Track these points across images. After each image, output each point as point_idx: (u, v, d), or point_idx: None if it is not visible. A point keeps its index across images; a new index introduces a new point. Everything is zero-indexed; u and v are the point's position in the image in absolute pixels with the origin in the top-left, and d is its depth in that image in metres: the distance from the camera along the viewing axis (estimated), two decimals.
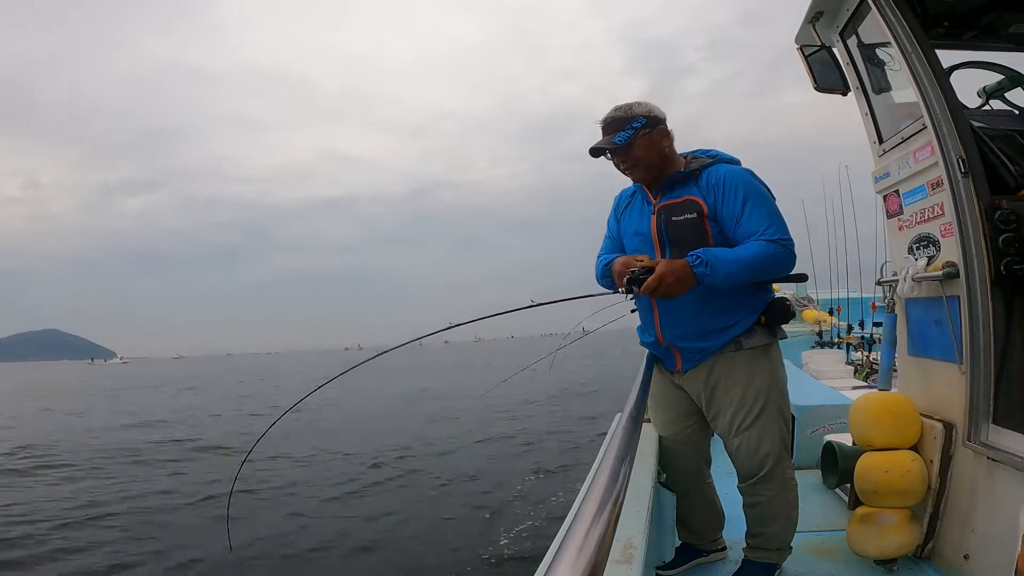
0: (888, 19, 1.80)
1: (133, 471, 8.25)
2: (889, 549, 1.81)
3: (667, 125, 1.70)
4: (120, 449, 9.96)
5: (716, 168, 1.69)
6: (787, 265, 1.62)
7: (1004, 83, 2.10)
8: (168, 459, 9.02)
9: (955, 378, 1.74)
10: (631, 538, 1.18)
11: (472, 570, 4.50)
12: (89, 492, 7.09)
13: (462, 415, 12.93)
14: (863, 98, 2.16)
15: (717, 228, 1.65)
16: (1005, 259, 1.62)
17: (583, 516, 0.60)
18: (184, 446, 10.22)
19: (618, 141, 1.65)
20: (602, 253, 1.90)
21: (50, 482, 7.70)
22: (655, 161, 1.69)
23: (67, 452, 9.82)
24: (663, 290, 1.51)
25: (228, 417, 14.64)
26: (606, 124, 1.69)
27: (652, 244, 1.74)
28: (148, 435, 11.65)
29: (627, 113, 1.66)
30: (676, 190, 1.72)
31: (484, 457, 8.54)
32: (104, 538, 5.39)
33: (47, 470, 8.41)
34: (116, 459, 9.08)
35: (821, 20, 2.18)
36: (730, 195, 1.62)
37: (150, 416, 15.14)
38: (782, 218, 1.65)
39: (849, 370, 4.81)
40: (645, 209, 1.78)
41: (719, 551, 2.00)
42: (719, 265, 1.52)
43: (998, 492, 1.60)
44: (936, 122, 1.73)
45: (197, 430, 12.26)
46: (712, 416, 1.77)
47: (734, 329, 1.67)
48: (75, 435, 12.09)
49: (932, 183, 1.80)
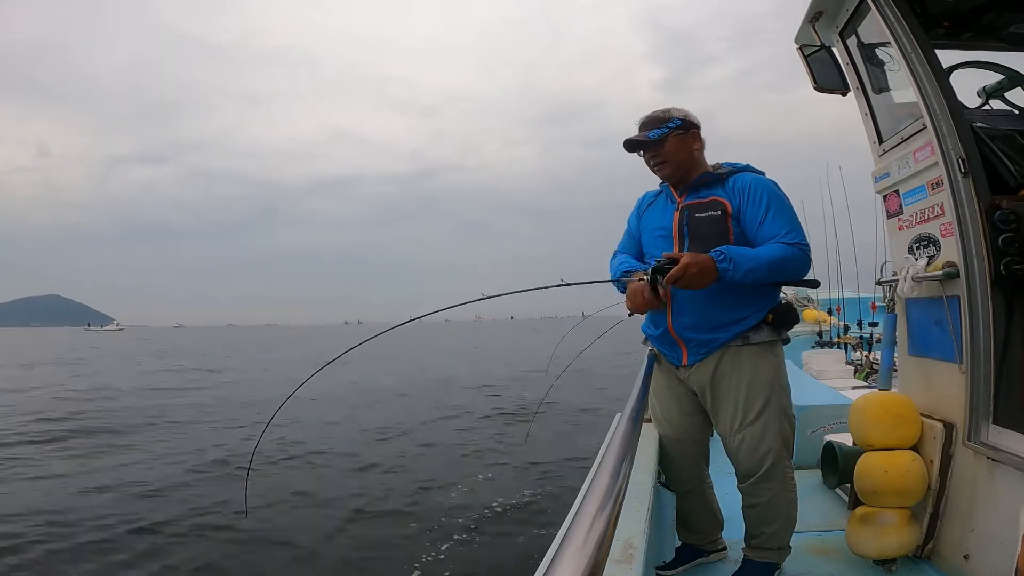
0: (888, 19, 1.80)
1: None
2: (889, 549, 1.81)
3: (700, 132, 1.81)
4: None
5: (743, 175, 1.77)
6: (803, 268, 1.68)
7: (1004, 83, 2.10)
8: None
9: (955, 378, 1.74)
10: (631, 538, 1.18)
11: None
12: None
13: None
14: (863, 98, 2.16)
15: (739, 228, 1.71)
16: (1005, 259, 1.62)
17: (583, 515, 0.60)
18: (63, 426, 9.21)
19: (652, 136, 1.75)
20: (619, 251, 1.96)
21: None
22: (684, 161, 1.77)
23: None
24: (686, 280, 1.56)
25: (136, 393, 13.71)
26: (644, 122, 1.79)
27: (672, 239, 1.78)
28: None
29: (665, 114, 1.78)
30: (702, 191, 1.78)
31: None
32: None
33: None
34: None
35: (821, 20, 2.19)
36: (755, 198, 1.70)
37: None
38: (800, 225, 1.73)
39: (849, 370, 4.82)
40: (669, 207, 1.84)
41: (719, 551, 2.00)
42: (741, 262, 1.58)
43: (998, 492, 1.60)
44: (936, 122, 1.73)
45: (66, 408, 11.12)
46: (715, 411, 1.78)
47: (743, 323, 1.71)
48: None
49: (932, 183, 1.81)
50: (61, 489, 5.81)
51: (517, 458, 6.74)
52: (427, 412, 10.03)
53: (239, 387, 14.60)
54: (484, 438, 7.99)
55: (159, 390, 14.08)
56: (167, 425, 9.29)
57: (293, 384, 1.44)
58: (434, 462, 6.79)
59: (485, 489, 5.63)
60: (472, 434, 8.28)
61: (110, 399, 12.47)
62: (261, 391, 13.03)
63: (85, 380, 16.94)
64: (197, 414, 10.28)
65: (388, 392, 12.84)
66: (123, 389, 14.28)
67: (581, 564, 0.50)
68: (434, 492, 5.58)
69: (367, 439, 8.05)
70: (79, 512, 5.04)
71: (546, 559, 1.15)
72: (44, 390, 14.26)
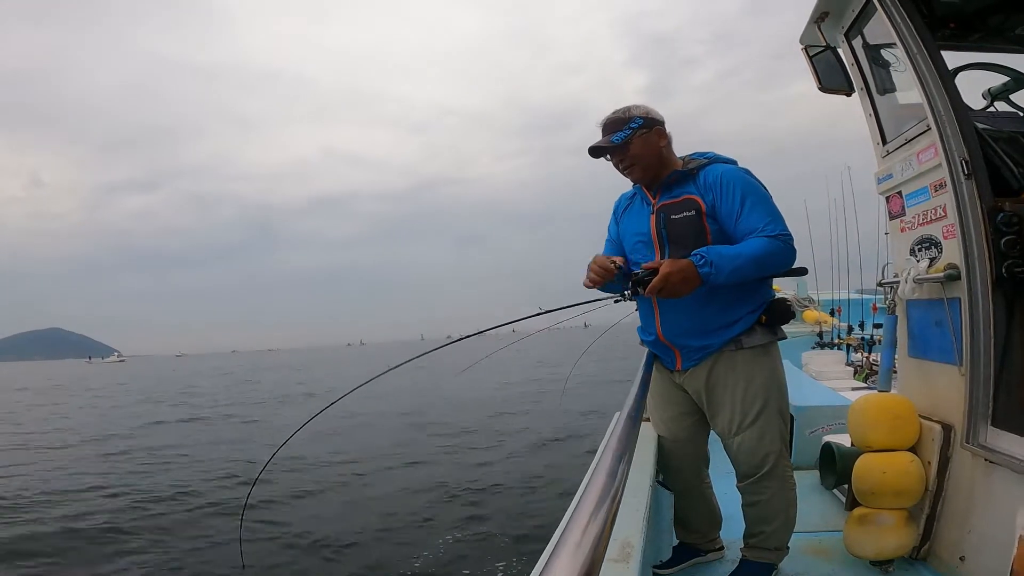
0: (894, 20, 1.79)
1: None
2: (886, 550, 1.81)
3: (665, 127, 1.74)
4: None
5: (713, 167, 1.72)
6: (788, 260, 1.64)
7: (1009, 85, 2.09)
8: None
9: (955, 380, 1.74)
10: (628, 537, 1.19)
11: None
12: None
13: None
14: (867, 99, 2.15)
15: (716, 226, 1.66)
16: (1007, 262, 1.62)
17: (580, 514, 0.60)
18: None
19: (615, 140, 1.69)
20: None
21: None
22: (652, 161, 1.73)
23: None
24: (668, 290, 1.52)
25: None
26: (605, 125, 1.73)
27: (652, 244, 1.75)
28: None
29: (625, 114, 1.71)
30: (674, 189, 1.74)
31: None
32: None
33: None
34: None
35: (826, 21, 2.17)
36: (728, 192, 1.65)
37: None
38: (780, 214, 1.67)
39: (849, 371, 4.81)
40: (644, 209, 1.80)
41: (716, 551, 2.00)
42: (723, 263, 1.53)
43: (995, 494, 1.60)
44: (940, 123, 1.72)
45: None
46: (712, 415, 1.77)
47: (735, 327, 1.68)
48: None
49: (935, 185, 1.80)
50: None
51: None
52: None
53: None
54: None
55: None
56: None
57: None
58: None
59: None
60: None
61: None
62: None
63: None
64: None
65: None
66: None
67: (578, 563, 0.50)
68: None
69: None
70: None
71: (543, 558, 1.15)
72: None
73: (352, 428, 10.80)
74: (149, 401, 20.22)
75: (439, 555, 4.76)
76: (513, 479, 7.01)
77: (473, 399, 14.56)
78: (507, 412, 12.55)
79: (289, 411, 15.16)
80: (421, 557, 4.74)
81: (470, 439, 9.82)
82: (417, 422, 11.72)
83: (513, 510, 5.88)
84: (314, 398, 17.66)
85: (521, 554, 4.53)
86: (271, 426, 12.38)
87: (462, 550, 4.82)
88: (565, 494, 6.05)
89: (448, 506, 6.20)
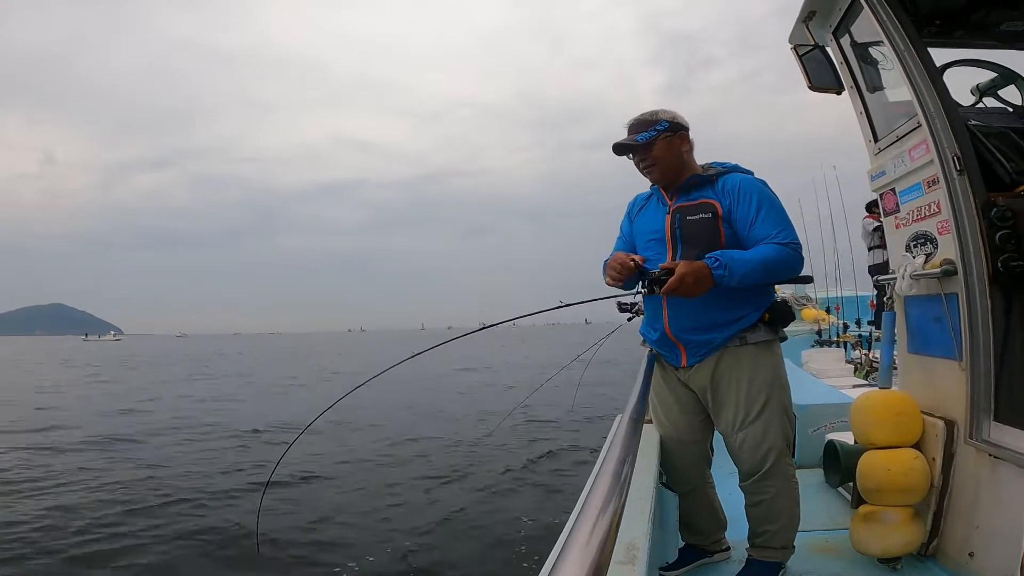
0: (880, 18, 1.81)
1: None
2: (893, 547, 1.80)
3: (688, 133, 1.80)
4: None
5: (733, 175, 1.78)
6: (797, 267, 1.70)
7: (997, 80, 2.11)
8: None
9: (955, 375, 1.74)
10: (634, 539, 1.18)
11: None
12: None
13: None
14: (857, 97, 2.17)
15: (730, 230, 1.71)
16: (1002, 256, 1.63)
17: (586, 517, 0.59)
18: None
19: (640, 140, 1.75)
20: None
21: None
22: (672, 163, 1.78)
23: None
24: (683, 291, 1.57)
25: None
26: (632, 125, 1.79)
27: (664, 243, 1.79)
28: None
29: (652, 117, 1.78)
30: (692, 193, 1.79)
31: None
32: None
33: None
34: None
35: (814, 19, 2.20)
36: (745, 199, 1.71)
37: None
38: (791, 223, 1.73)
39: (849, 368, 4.81)
40: (660, 209, 1.84)
41: (722, 551, 1.99)
42: (736, 266, 1.59)
43: (1001, 489, 1.60)
44: (930, 120, 1.74)
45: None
46: (716, 411, 1.78)
47: (740, 323, 1.72)
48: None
49: (928, 181, 1.81)
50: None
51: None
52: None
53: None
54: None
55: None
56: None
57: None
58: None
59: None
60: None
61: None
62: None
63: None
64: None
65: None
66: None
67: (584, 565, 0.50)
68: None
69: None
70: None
71: (549, 560, 1.14)
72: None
73: (356, 420, 10.81)
74: (111, 394, 16.84)
75: (440, 555, 4.71)
76: (519, 482, 7.01)
77: (481, 397, 14.36)
78: (529, 409, 12.61)
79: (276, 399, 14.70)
80: (428, 555, 4.70)
81: (473, 438, 9.84)
82: (423, 413, 11.65)
83: (514, 511, 5.85)
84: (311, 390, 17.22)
85: (523, 556, 4.49)
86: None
87: (465, 550, 4.77)
88: (572, 494, 6.08)
89: (454, 500, 6.18)
